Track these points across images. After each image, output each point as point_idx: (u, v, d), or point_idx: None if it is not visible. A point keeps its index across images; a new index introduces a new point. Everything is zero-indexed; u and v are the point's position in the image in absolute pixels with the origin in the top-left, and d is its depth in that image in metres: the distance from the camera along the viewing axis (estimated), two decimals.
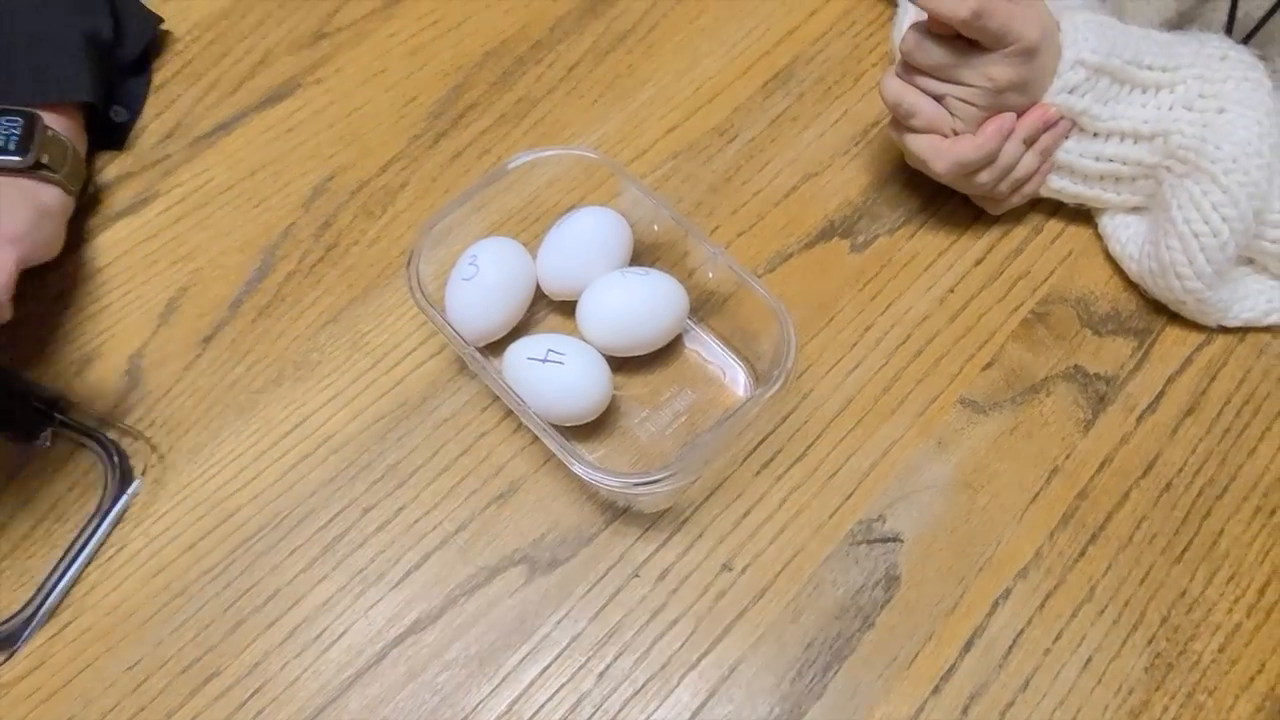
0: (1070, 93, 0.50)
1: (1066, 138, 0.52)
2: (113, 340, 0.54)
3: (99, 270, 0.56)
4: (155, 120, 0.62)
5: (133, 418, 0.51)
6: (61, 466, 0.50)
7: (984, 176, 0.51)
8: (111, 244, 0.57)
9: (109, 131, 0.59)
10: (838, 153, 0.59)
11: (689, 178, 0.58)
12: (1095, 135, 0.52)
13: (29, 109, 0.50)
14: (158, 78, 0.63)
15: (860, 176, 0.58)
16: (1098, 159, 0.52)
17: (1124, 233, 0.53)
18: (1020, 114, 0.50)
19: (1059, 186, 0.54)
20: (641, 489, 0.44)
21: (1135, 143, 0.51)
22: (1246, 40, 0.54)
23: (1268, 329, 0.52)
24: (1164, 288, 0.51)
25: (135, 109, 0.61)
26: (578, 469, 0.43)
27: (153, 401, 0.52)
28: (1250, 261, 0.52)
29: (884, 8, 0.64)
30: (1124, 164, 0.51)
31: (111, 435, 0.50)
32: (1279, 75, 0.53)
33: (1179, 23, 0.56)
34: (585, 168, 0.53)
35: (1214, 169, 0.48)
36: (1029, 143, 0.51)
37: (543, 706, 0.44)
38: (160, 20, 0.64)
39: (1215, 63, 0.50)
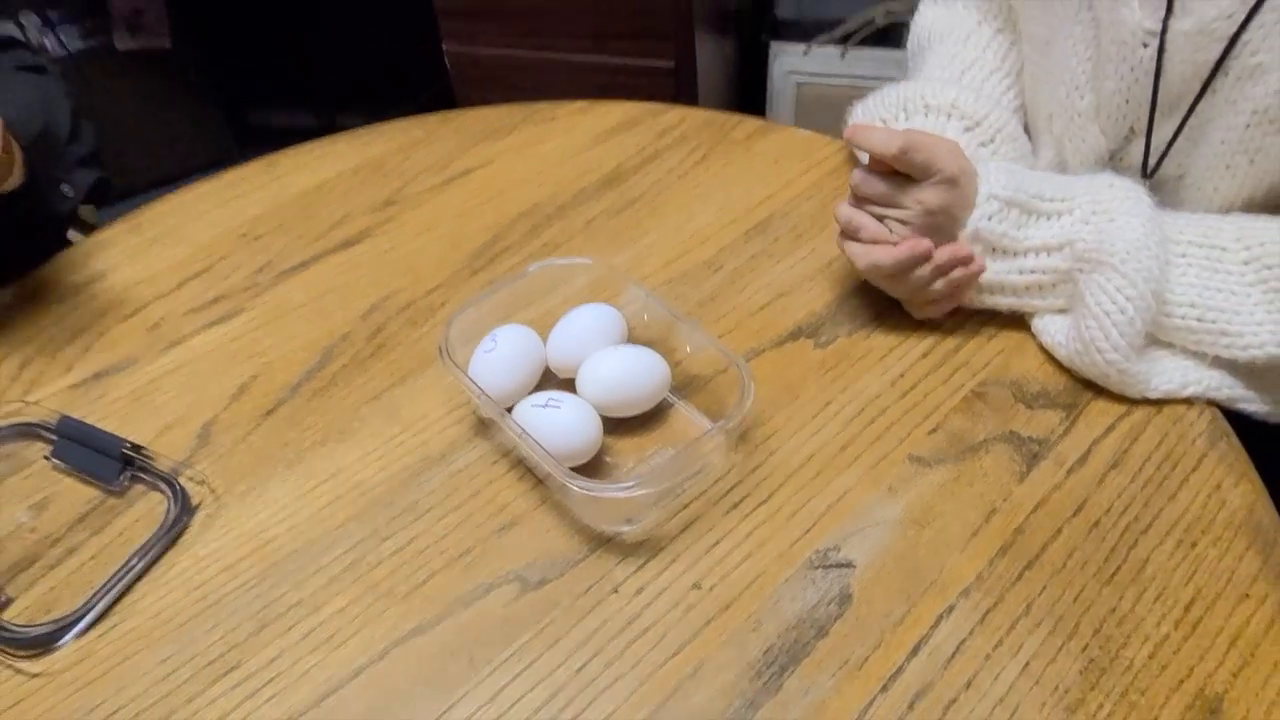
0: (989, 219, 0.61)
1: (994, 260, 0.63)
2: (192, 412, 0.64)
3: (190, 362, 0.68)
4: (249, 258, 0.76)
5: (198, 468, 0.60)
6: (134, 503, 0.59)
7: (899, 290, 0.62)
8: (203, 344, 0.69)
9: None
10: (805, 278, 0.70)
11: (679, 295, 0.69)
12: (1016, 255, 0.62)
13: None
14: (257, 228, 0.79)
15: (824, 294, 0.68)
16: (1021, 272, 0.62)
17: (1051, 327, 0.62)
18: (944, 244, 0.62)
19: (995, 301, 0.64)
20: (612, 494, 0.51)
21: (1049, 255, 0.61)
22: (1152, 174, 0.66)
23: (1185, 401, 0.59)
24: (1089, 364, 0.59)
25: (79, 193, 0.79)
26: (563, 478, 0.51)
27: (217, 457, 0.61)
28: (1170, 345, 0.60)
29: (846, 178, 0.78)
30: (1044, 273, 0.62)
31: (179, 481, 0.59)
32: (1181, 203, 0.64)
33: (1110, 159, 0.68)
34: (591, 274, 0.65)
35: (1113, 260, 0.57)
36: (943, 270, 0.62)
37: (522, 697, 0.48)
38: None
39: (1104, 189, 0.61)
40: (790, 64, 1.59)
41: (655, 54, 1.36)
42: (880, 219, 0.62)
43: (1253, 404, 0.61)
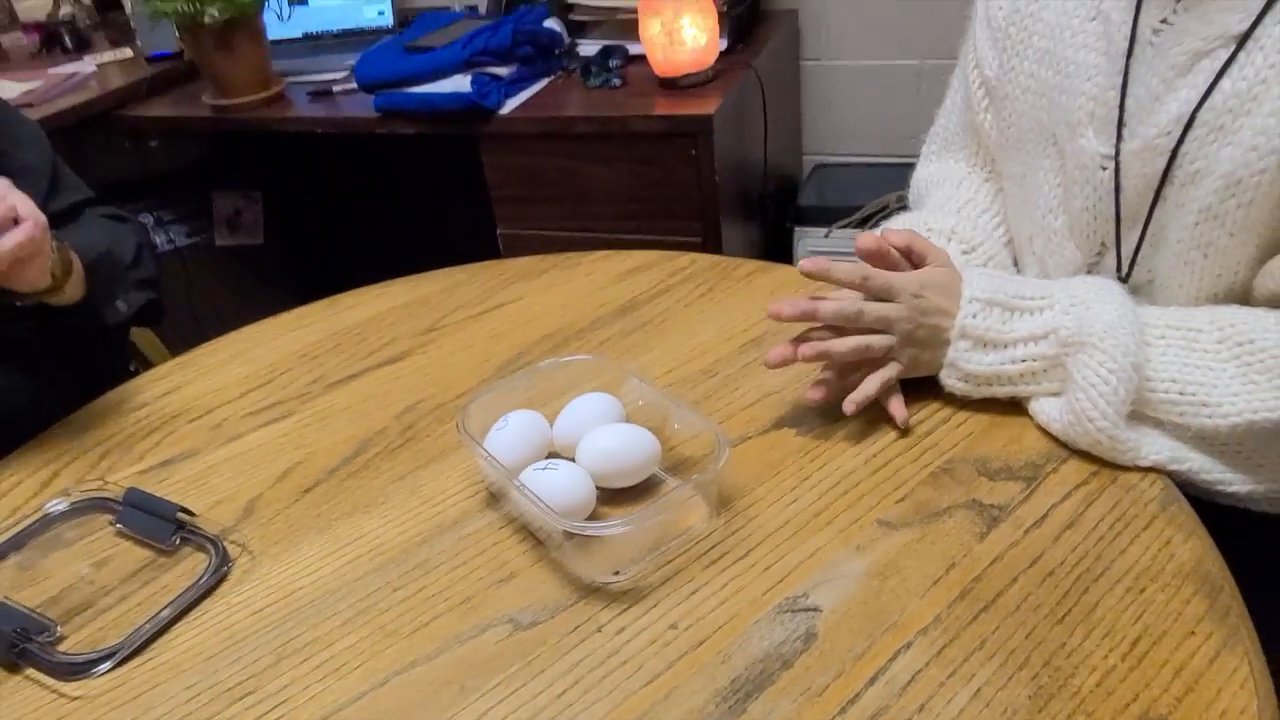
0: (973, 318, 0.68)
1: (985, 354, 0.69)
2: (241, 490, 0.73)
3: (243, 453, 0.77)
4: (305, 373, 0.87)
5: (239, 534, 0.68)
6: (181, 561, 0.66)
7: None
8: (257, 439, 0.79)
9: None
10: (793, 381, 0.77)
11: (678, 395, 0.77)
12: (1005, 346, 0.69)
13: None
14: (314, 350, 0.90)
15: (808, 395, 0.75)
16: (1013, 362, 0.68)
17: (1046, 407, 0.67)
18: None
19: (994, 391, 0.70)
20: (592, 531, 0.57)
21: (1036, 344, 0.67)
22: (1126, 279, 0.73)
23: (1141, 471, 0.63)
24: (1083, 434, 0.64)
25: (131, 308, 0.89)
26: (552, 520, 0.57)
27: (258, 525, 0.69)
28: (1159, 422, 0.65)
29: None
30: (1034, 361, 0.67)
31: (222, 542, 0.67)
32: (1155, 303, 0.71)
33: (1087, 271, 0.76)
34: (594, 369, 0.73)
35: (1093, 340, 0.64)
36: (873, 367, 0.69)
37: (505, 718, 0.52)
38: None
39: (1079, 284, 0.68)
40: (812, 244, 1.73)
41: (684, 232, 1.51)
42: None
43: (1234, 485, 0.65)
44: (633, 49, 1.61)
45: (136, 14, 1.92)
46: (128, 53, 2.03)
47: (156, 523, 0.68)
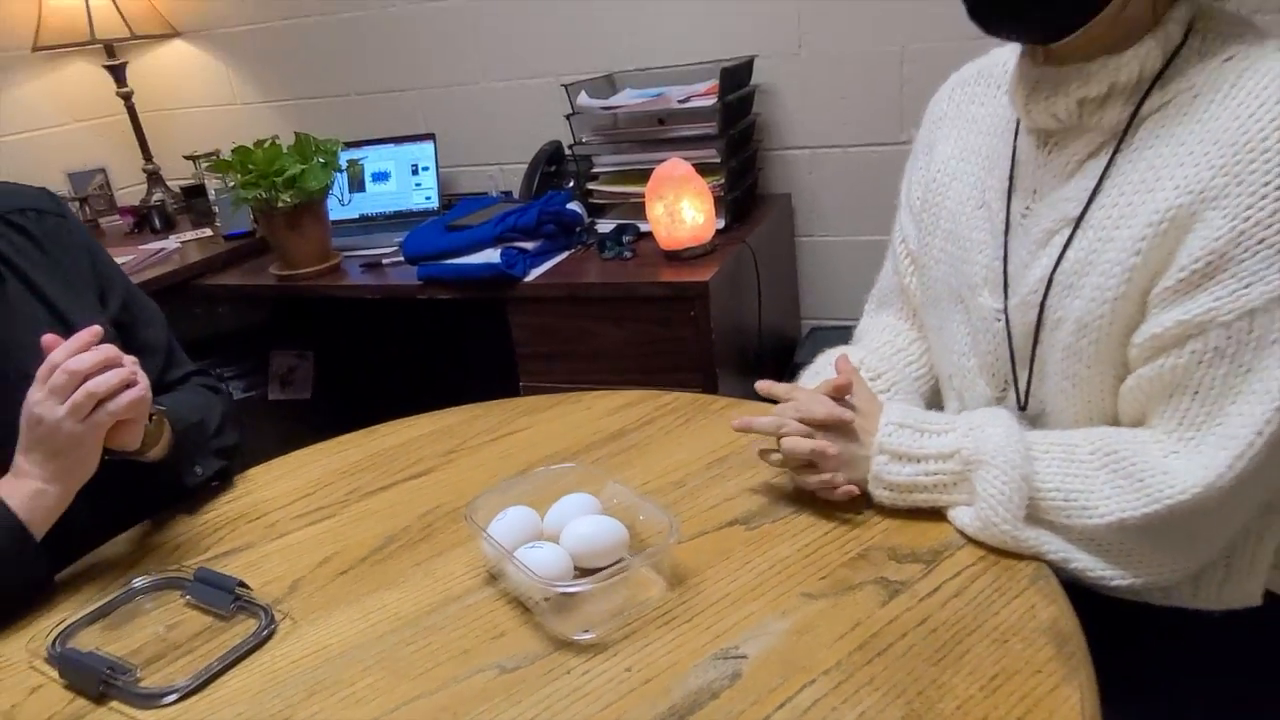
0: (889, 436, 0.84)
1: (903, 465, 0.84)
2: (287, 573, 0.88)
3: (291, 546, 0.93)
4: (345, 486, 1.03)
5: (284, 604, 0.83)
6: (236, 625, 0.81)
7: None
8: (302, 535, 0.95)
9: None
10: (748, 490, 0.92)
11: (649, 498, 0.92)
12: (919, 460, 0.83)
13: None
14: (353, 469, 1.07)
15: (761, 500, 0.90)
16: (926, 474, 0.83)
17: (963, 515, 0.80)
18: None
19: (914, 499, 0.84)
20: (561, 588, 0.71)
21: (944, 461, 0.82)
22: (1025, 409, 0.89)
23: (1018, 556, 0.76)
24: (992, 536, 0.77)
25: (206, 473, 1.04)
26: (531, 579, 0.72)
27: (300, 598, 0.84)
28: (1052, 525, 0.78)
29: None
30: (943, 474, 0.82)
31: (270, 609, 0.82)
32: (1049, 429, 0.85)
33: (996, 401, 0.91)
34: (580, 474, 0.89)
35: (988, 458, 0.79)
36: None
37: None
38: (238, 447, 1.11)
39: (976, 414, 0.84)
40: None
41: (686, 384, 1.68)
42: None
43: (1116, 580, 0.78)
44: (643, 227, 1.85)
45: (219, 200, 2.23)
46: (207, 232, 2.33)
47: (218, 594, 0.83)
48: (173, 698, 0.72)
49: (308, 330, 2.41)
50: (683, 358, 1.68)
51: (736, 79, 1.89)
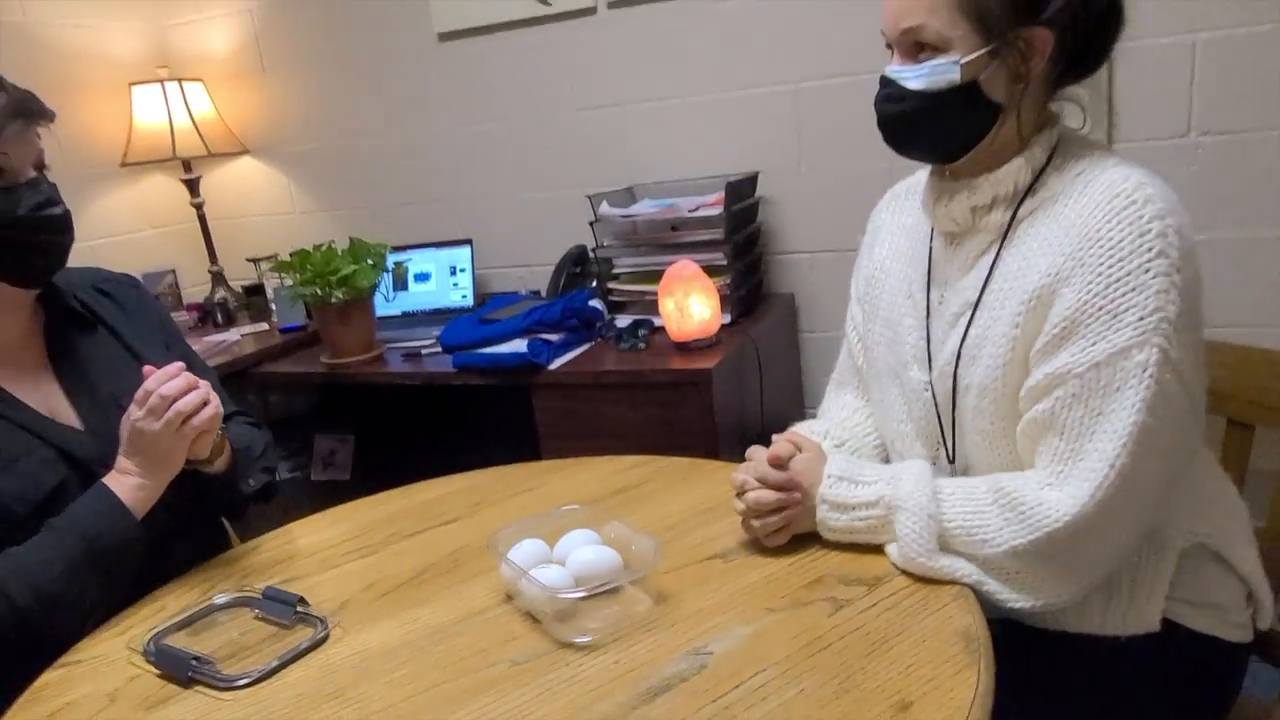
0: (830, 489, 1.00)
1: (840, 514, 1.00)
2: (338, 594, 1.05)
3: (339, 577, 1.10)
4: (385, 530, 1.21)
5: (335, 617, 0.99)
6: (296, 632, 0.97)
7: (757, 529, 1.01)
8: (349, 568, 1.11)
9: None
10: (730, 532, 1.08)
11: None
12: (852, 509, 1.00)
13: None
14: (392, 518, 1.24)
15: (740, 538, 1.06)
16: (859, 520, 0.99)
17: (891, 550, 0.96)
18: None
19: (853, 538, 1.00)
20: (565, 595, 0.88)
21: (870, 509, 0.99)
22: (954, 463, 1.05)
23: (971, 586, 0.91)
24: (913, 565, 0.93)
25: (256, 486, 1.23)
26: (538, 588, 0.88)
27: (348, 613, 1.00)
28: (961, 554, 0.94)
29: None
30: (872, 519, 0.98)
31: (324, 621, 0.98)
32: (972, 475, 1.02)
33: (933, 460, 1.07)
34: (585, 515, 1.06)
35: (902, 504, 0.95)
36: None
37: (499, 714, 0.81)
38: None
39: (898, 466, 1.01)
40: None
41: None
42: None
43: (1018, 602, 0.93)
44: (657, 321, 2.05)
45: (277, 296, 2.47)
46: (264, 326, 2.57)
47: (282, 608, 1.00)
48: (245, 681, 0.89)
49: (349, 416, 2.61)
50: (688, 436, 1.85)
51: (741, 191, 2.12)
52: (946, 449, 1.06)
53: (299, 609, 1.00)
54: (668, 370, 1.84)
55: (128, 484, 1.09)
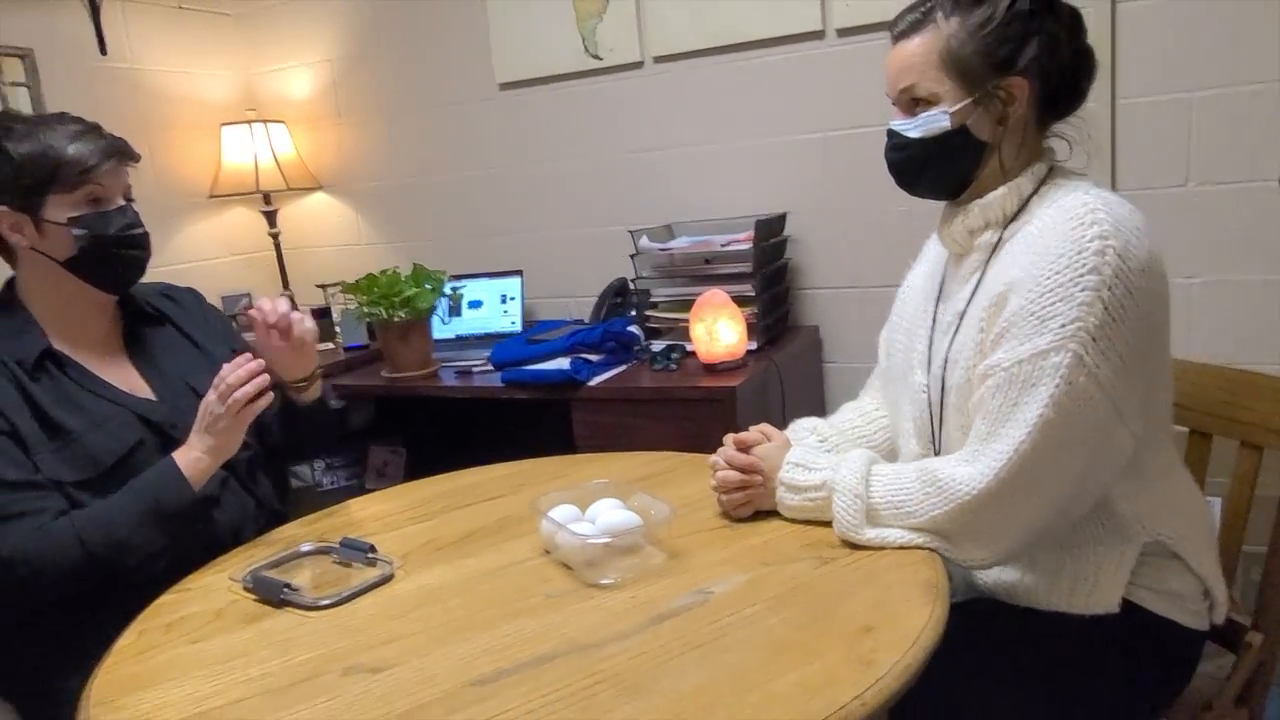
0: (786, 473, 1.17)
1: (794, 495, 1.16)
2: (399, 548, 1.23)
3: (403, 537, 1.28)
4: (439, 501, 1.39)
5: (399, 565, 1.17)
6: (368, 571, 1.16)
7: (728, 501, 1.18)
8: (409, 531, 1.30)
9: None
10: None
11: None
12: (803, 491, 1.16)
13: None
14: (447, 493, 1.43)
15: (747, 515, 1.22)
16: (809, 500, 1.15)
17: (834, 524, 1.12)
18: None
19: (806, 515, 1.16)
20: (593, 539, 1.05)
21: (818, 491, 1.14)
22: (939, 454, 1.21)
23: (901, 549, 1.07)
24: (848, 536, 1.09)
25: (338, 406, 1.52)
26: (569, 536, 1.06)
27: (409, 563, 1.19)
28: (890, 524, 1.09)
29: None
30: (820, 500, 1.14)
31: (391, 564, 1.16)
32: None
33: (921, 454, 1.23)
34: (614, 488, 1.23)
35: (836, 486, 1.11)
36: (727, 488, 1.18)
37: (530, 633, 0.98)
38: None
39: (844, 456, 1.16)
40: None
41: None
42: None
43: (947, 553, 1.07)
44: (689, 347, 2.23)
45: (344, 318, 2.70)
46: (330, 345, 2.80)
47: (356, 553, 1.18)
48: (328, 603, 1.07)
49: (401, 430, 2.82)
50: (713, 449, 2.01)
51: (770, 229, 2.31)
52: (935, 443, 1.22)
53: (370, 554, 1.18)
54: (696, 388, 2.02)
55: (190, 457, 1.30)
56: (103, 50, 2.68)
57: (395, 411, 2.70)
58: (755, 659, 0.87)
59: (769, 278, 2.29)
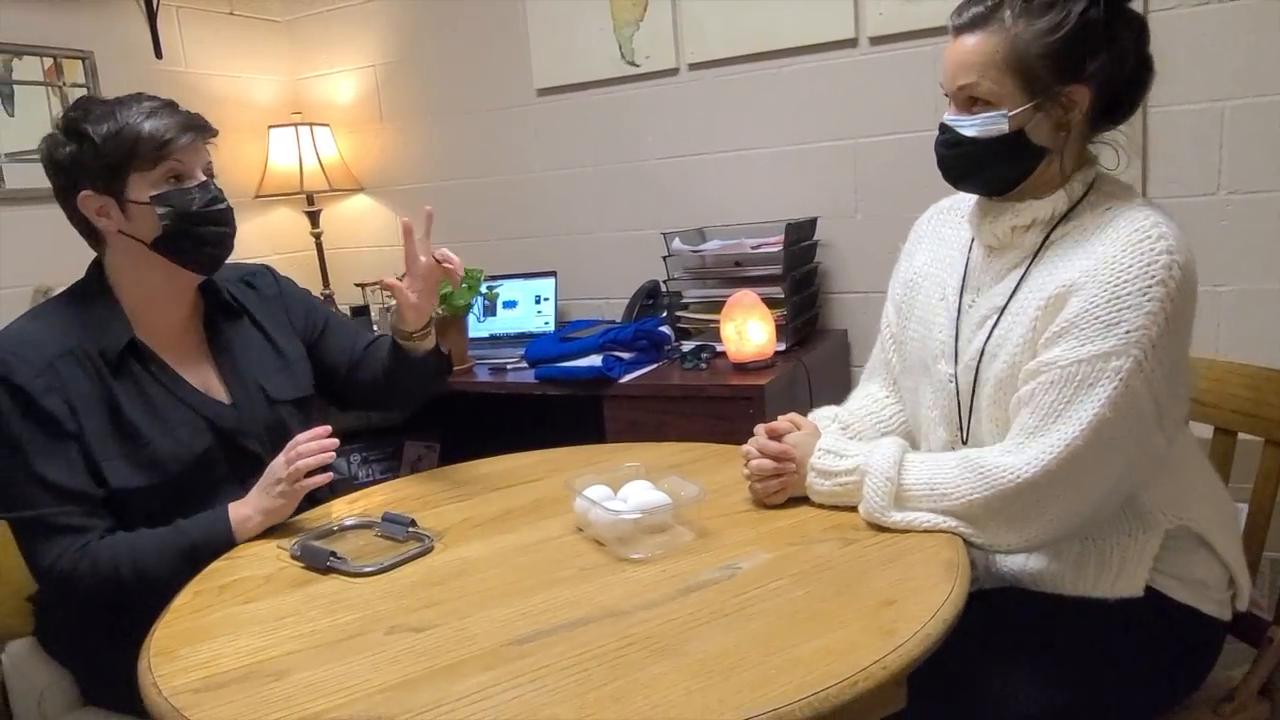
0: (818, 458, 1.20)
1: (824, 480, 1.20)
2: (439, 525, 1.28)
3: (443, 512, 1.33)
4: (478, 484, 1.44)
5: (438, 539, 1.22)
6: (408, 544, 1.21)
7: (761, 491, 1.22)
8: (449, 508, 1.35)
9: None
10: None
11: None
12: (834, 476, 1.19)
13: None
14: (482, 476, 1.48)
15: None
16: (840, 485, 1.18)
17: (860, 507, 1.16)
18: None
19: (835, 500, 1.19)
20: (626, 514, 1.09)
21: (849, 475, 1.17)
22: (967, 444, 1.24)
23: (925, 532, 1.10)
24: (872, 518, 1.12)
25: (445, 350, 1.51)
26: (604, 512, 1.10)
27: (449, 537, 1.23)
28: (919, 506, 1.12)
29: None
30: (850, 483, 1.17)
31: (430, 537, 1.21)
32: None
33: (949, 443, 1.26)
34: (647, 470, 1.27)
35: (869, 469, 1.14)
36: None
37: (566, 601, 1.02)
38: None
39: (876, 443, 1.20)
40: None
41: None
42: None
43: (978, 539, 1.10)
44: (719, 347, 2.27)
45: (382, 316, 2.77)
46: None
47: (398, 528, 1.24)
48: (371, 569, 1.12)
49: (435, 426, 2.88)
50: (741, 444, 2.05)
51: (800, 233, 2.35)
52: (963, 433, 1.25)
53: (410, 528, 1.23)
54: (725, 386, 2.06)
55: (241, 514, 1.29)
56: (158, 54, 2.79)
57: (430, 408, 2.75)
58: (780, 626, 0.91)
59: (799, 281, 2.33)
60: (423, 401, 1.69)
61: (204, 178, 1.37)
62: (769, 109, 2.49)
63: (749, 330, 2.12)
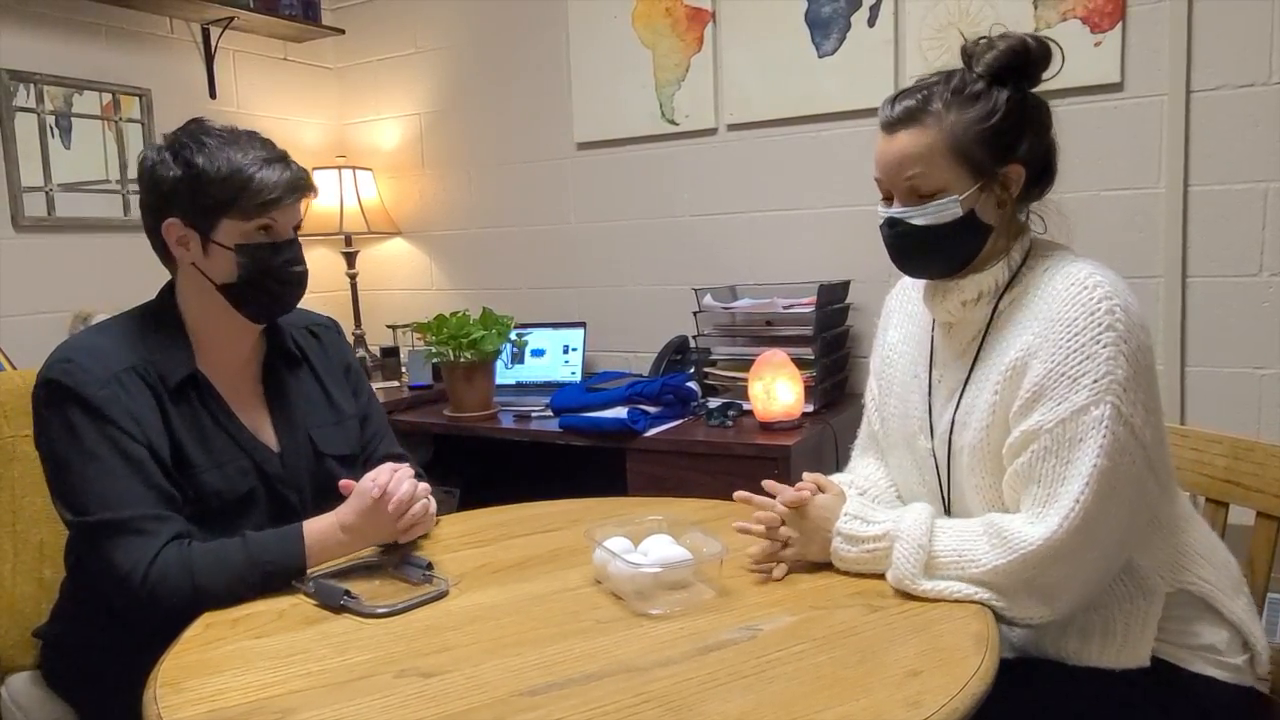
0: (845, 524, 1.18)
1: (852, 547, 1.17)
2: (456, 571, 1.26)
3: (461, 558, 1.32)
4: (495, 530, 1.42)
5: (454, 584, 1.21)
6: (424, 587, 1.19)
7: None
8: (467, 554, 1.33)
9: None
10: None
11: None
12: (862, 542, 1.17)
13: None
14: (502, 522, 1.46)
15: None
16: (867, 551, 1.16)
17: (889, 574, 1.13)
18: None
19: (861, 568, 1.16)
20: (646, 568, 1.07)
21: (878, 541, 1.15)
22: (949, 513, 1.21)
23: (955, 602, 1.07)
24: (902, 585, 1.09)
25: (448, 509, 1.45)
26: (622, 565, 1.08)
27: (465, 583, 1.22)
28: (948, 575, 1.09)
29: None
30: (878, 550, 1.15)
31: (447, 582, 1.19)
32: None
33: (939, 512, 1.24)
34: (668, 524, 1.25)
35: (900, 535, 1.12)
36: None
37: (587, 652, 1.00)
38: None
39: (905, 509, 1.18)
40: None
41: None
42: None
43: (1003, 610, 1.07)
44: (746, 406, 2.25)
45: (411, 358, 2.79)
46: (396, 383, 2.88)
47: (415, 570, 1.22)
48: (384, 611, 1.10)
49: (456, 472, 2.87)
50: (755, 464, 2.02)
51: (832, 295, 2.35)
52: (945, 504, 1.23)
53: (427, 571, 1.22)
54: (751, 444, 2.04)
55: (324, 527, 1.25)
56: (212, 94, 2.87)
57: (452, 453, 2.75)
58: (801, 691, 0.88)
59: (829, 343, 2.31)
60: None
61: (292, 235, 1.36)
62: (806, 171, 2.51)
63: (777, 389, 2.11)
